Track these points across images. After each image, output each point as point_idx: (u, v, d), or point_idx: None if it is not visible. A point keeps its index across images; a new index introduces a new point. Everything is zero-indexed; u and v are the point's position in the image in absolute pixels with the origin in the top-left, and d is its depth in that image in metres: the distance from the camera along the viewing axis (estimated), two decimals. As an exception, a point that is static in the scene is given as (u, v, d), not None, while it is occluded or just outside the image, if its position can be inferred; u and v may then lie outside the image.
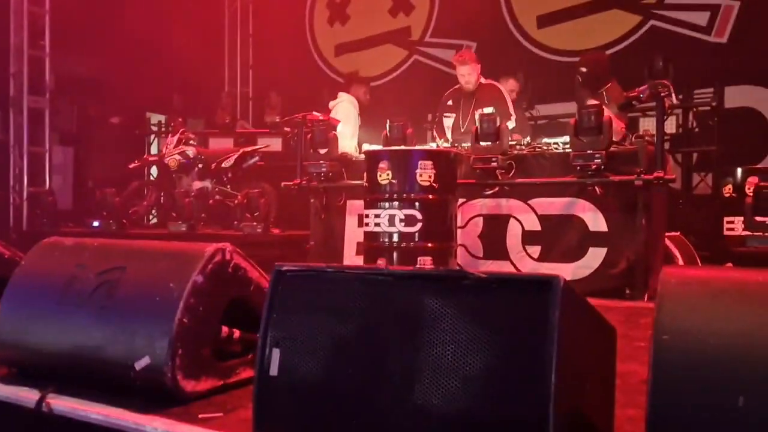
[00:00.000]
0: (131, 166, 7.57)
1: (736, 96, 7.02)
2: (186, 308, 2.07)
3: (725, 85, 6.86)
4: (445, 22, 9.06)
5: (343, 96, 6.38)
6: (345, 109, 6.24)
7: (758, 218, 4.56)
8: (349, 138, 6.01)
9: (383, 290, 1.68)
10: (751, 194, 4.69)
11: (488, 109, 5.30)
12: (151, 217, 7.91)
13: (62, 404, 2.09)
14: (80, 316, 2.22)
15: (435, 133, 6.07)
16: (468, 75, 5.62)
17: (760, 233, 4.54)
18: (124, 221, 7.03)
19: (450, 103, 5.82)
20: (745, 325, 1.19)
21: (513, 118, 5.55)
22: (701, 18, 7.39)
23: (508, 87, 6.40)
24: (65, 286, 2.29)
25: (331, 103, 6.36)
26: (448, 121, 5.79)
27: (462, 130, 5.61)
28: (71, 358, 2.22)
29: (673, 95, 4.57)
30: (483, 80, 5.75)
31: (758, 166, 6.30)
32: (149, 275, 2.20)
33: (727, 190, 5.74)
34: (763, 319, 1.18)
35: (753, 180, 4.93)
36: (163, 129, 9.22)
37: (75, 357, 2.21)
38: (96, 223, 6.90)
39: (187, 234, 6.49)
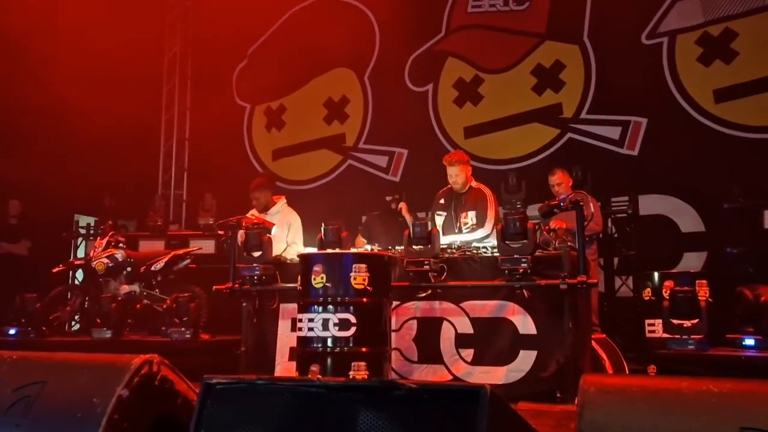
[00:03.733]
0: (55, 270, 7.27)
1: (650, 204, 7.52)
2: (109, 424, 1.98)
3: (639, 193, 7.35)
4: (378, 129, 9.48)
5: (283, 202, 6.47)
6: (282, 216, 6.32)
7: (675, 321, 4.79)
8: (281, 241, 6.03)
9: (315, 402, 1.68)
10: (668, 298, 4.94)
11: (471, 213, 5.46)
12: (74, 323, 7.53)
13: None
14: (-8, 436, 2.08)
15: None
16: (456, 176, 5.62)
17: (678, 335, 4.76)
18: (44, 328, 6.68)
19: (442, 201, 5.80)
20: (657, 433, 1.26)
21: (489, 224, 5.40)
22: (614, 132, 8.02)
23: (556, 178, 6.33)
24: (-22, 403, 2.15)
25: (273, 210, 6.33)
26: (440, 219, 5.70)
27: (455, 231, 5.57)
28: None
29: (591, 203, 4.86)
30: (474, 183, 5.74)
31: (673, 270, 6.67)
32: (71, 390, 2.10)
33: (647, 293, 6.00)
34: (672, 427, 1.26)
35: (669, 284, 5.21)
36: (91, 231, 8.99)
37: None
38: (12, 331, 6.51)
39: (111, 341, 6.21)
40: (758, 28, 7.45)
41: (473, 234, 5.43)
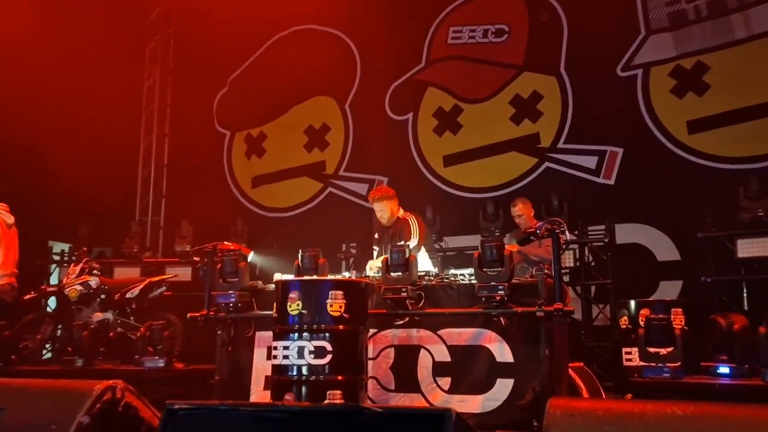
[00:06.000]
0: (26, 297, 7.11)
1: (626, 233, 7.59)
2: (68, 453, 1.93)
3: (615, 222, 7.40)
4: (358, 157, 9.52)
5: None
6: None
7: (650, 349, 4.79)
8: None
9: (279, 428, 1.64)
10: (643, 326, 4.95)
11: (400, 244, 5.48)
12: (45, 352, 7.35)
13: None
14: (-55, 466, 2.01)
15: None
16: (382, 211, 5.74)
17: (653, 363, 4.76)
18: (13, 357, 6.51)
19: (376, 236, 5.90)
20: (620, 456, 1.24)
21: (414, 240, 5.61)
22: (590, 161, 8.13)
23: (518, 209, 6.46)
24: (-68, 431, 2.08)
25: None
26: (374, 253, 5.85)
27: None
28: None
29: (567, 232, 4.89)
30: (400, 214, 5.81)
31: (650, 299, 6.70)
32: (30, 416, 2.05)
33: (624, 321, 6.01)
34: (636, 449, 1.25)
35: (645, 312, 5.23)
36: (65, 258, 8.85)
37: None
38: (-21, 360, 6.34)
39: (82, 370, 6.07)
40: (728, 62, 7.63)
41: None
